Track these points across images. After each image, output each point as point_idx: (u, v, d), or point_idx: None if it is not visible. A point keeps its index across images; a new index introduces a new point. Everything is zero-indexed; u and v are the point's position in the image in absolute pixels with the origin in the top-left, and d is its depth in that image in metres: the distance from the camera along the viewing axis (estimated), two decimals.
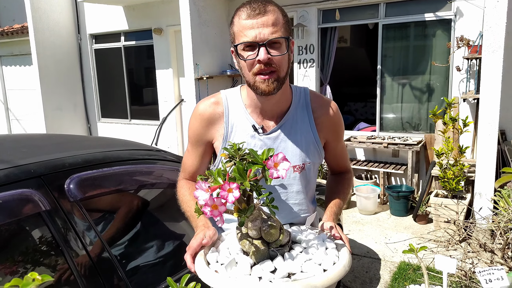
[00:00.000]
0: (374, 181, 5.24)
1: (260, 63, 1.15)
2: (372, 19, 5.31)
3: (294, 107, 1.31)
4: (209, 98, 1.34)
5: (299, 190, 1.34)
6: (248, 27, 1.14)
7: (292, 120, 1.30)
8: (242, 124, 1.29)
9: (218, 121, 1.31)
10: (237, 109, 1.31)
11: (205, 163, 1.40)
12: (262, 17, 1.13)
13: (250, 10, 1.14)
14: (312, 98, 1.34)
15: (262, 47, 1.13)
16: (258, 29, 1.13)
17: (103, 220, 1.59)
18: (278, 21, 1.15)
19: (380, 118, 5.44)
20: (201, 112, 1.32)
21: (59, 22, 7.58)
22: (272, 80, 1.17)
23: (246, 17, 1.14)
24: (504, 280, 1.01)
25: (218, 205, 0.90)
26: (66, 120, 7.88)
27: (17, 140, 1.91)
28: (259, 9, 1.13)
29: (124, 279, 1.45)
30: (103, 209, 1.63)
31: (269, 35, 1.13)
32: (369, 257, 3.78)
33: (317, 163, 1.36)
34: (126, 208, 1.73)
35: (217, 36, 5.94)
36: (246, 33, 1.14)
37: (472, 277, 1.68)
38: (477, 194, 3.85)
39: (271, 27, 1.13)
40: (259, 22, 1.13)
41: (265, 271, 0.95)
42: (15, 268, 1.22)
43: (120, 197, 1.71)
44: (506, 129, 4.56)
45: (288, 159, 1.28)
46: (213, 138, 1.33)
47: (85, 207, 1.46)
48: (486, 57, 3.70)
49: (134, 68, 7.71)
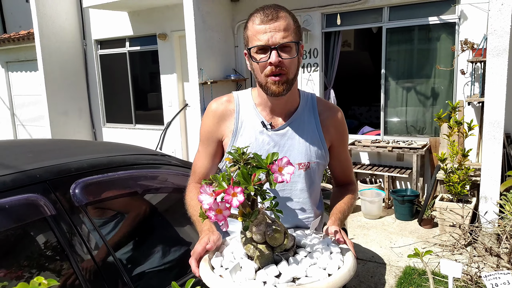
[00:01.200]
0: (379, 185, 5.22)
1: (271, 65, 1.22)
2: (375, 23, 5.31)
3: (302, 108, 1.38)
4: (221, 97, 1.42)
5: (303, 189, 1.38)
6: (261, 31, 1.21)
7: (300, 120, 1.37)
8: (252, 121, 1.36)
9: (229, 117, 1.38)
10: (248, 107, 1.38)
11: (215, 164, 1.43)
12: (275, 22, 1.20)
13: (264, 15, 1.21)
14: (318, 102, 1.42)
15: (274, 50, 1.20)
16: (270, 33, 1.20)
17: (108, 225, 1.59)
18: (289, 27, 1.22)
19: (385, 122, 5.43)
20: (214, 109, 1.39)
21: (65, 28, 7.64)
22: (282, 82, 1.25)
23: (259, 22, 1.21)
24: (510, 285, 1.00)
25: (223, 210, 0.90)
26: (72, 126, 7.92)
27: (23, 145, 1.93)
28: (272, 15, 1.20)
29: (129, 284, 1.45)
30: (108, 213, 1.64)
31: (281, 39, 1.20)
32: (374, 262, 3.76)
33: (321, 164, 1.40)
34: (131, 213, 1.73)
35: (221, 41, 5.96)
36: (259, 37, 1.21)
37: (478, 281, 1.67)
38: (483, 198, 3.83)
39: (283, 32, 1.21)
40: (271, 27, 1.20)
41: (270, 275, 0.95)
42: (21, 272, 1.23)
43: (125, 202, 1.71)
44: (511, 133, 4.53)
45: (294, 156, 1.34)
46: (223, 135, 1.39)
47: (90, 211, 1.47)
48: (490, 61, 3.69)
49: (138, 73, 7.75)
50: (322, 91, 5.78)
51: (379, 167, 5.24)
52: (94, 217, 1.48)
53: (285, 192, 1.37)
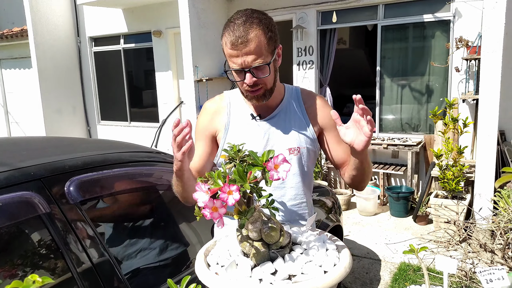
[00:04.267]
0: (374, 182, 5.24)
1: (247, 85, 1.29)
2: (371, 20, 5.32)
3: (287, 99, 1.45)
4: (214, 97, 1.52)
5: (295, 173, 1.42)
6: (234, 55, 1.25)
7: (286, 109, 1.44)
8: (242, 114, 1.44)
9: (221, 113, 1.46)
10: (238, 103, 1.47)
11: (210, 161, 1.47)
12: (245, 47, 1.23)
13: (234, 38, 1.23)
14: (302, 92, 1.49)
15: (247, 73, 1.27)
16: (242, 58, 1.24)
17: (103, 222, 1.59)
18: (260, 47, 1.24)
19: (380, 119, 5.44)
20: (207, 107, 1.49)
21: (59, 25, 7.58)
22: (261, 95, 1.33)
23: (230, 46, 1.24)
24: (504, 280, 1.01)
25: (218, 207, 0.90)
26: (66, 123, 7.88)
27: (17, 143, 1.91)
28: (242, 38, 1.22)
29: (124, 281, 1.45)
30: (103, 211, 1.63)
31: (252, 62, 1.25)
32: (369, 258, 3.78)
33: (312, 150, 1.43)
34: (126, 210, 1.73)
35: (217, 38, 5.94)
36: (233, 61, 1.27)
37: (472, 277, 1.68)
38: (477, 194, 3.85)
39: (253, 55, 1.24)
40: (242, 52, 1.24)
41: (266, 273, 0.95)
42: (15, 270, 1.22)
43: (120, 199, 1.71)
44: (505, 130, 4.56)
45: (284, 141, 1.39)
46: (216, 130, 1.45)
47: (85, 209, 1.46)
48: (485, 58, 3.71)
49: (133, 71, 7.71)
50: (317, 88, 5.78)
51: (374, 164, 5.26)
52: (89, 215, 1.47)
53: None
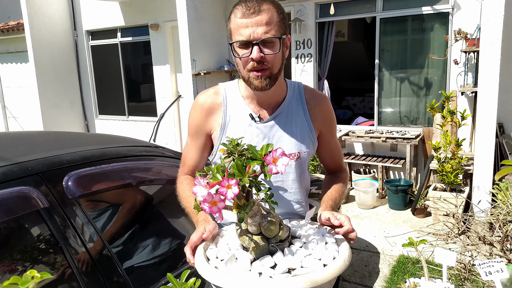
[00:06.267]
0: (373, 175, 5.24)
1: (253, 61, 1.19)
2: (369, 13, 5.29)
3: (289, 99, 1.36)
4: (208, 90, 1.39)
5: (294, 179, 1.38)
6: (242, 25, 1.17)
7: (288, 111, 1.35)
8: (240, 113, 1.34)
9: (217, 111, 1.35)
10: (235, 100, 1.35)
11: (205, 157, 1.43)
12: (256, 16, 1.16)
13: (245, 9, 1.17)
14: (305, 90, 1.40)
15: (255, 45, 1.17)
16: (252, 28, 1.16)
17: (102, 217, 1.58)
18: (272, 20, 1.18)
19: (378, 112, 5.44)
20: (201, 103, 1.37)
21: (55, 19, 7.53)
22: (265, 77, 1.22)
23: (241, 15, 1.17)
24: (503, 272, 1.01)
25: (217, 202, 0.90)
26: (64, 118, 7.85)
27: (15, 138, 1.90)
28: (254, 8, 1.16)
29: (123, 276, 1.45)
30: (101, 206, 1.63)
31: (262, 34, 1.16)
32: (368, 251, 3.79)
33: (310, 153, 1.40)
34: (125, 205, 1.72)
35: (214, 31, 5.91)
36: (241, 32, 1.17)
37: (471, 269, 1.69)
38: (476, 187, 3.86)
39: (265, 26, 1.16)
40: (253, 21, 1.16)
41: (265, 266, 0.95)
42: (14, 266, 1.22)
43: (119, 194, 1.70)
44: (504, 122, 4.56)
45: (284, 147, 1.32)
46: (211, 129, 1.37)
47: (83, 204, 1.46)
48: (484, 50, 3.70)
49: (131, 65, 7.67)
50: (316, 81, 5.77)
51: (373, 158, 5.26)
52: (87, 210, 1.47)
53: (277, 184, 1.38)
